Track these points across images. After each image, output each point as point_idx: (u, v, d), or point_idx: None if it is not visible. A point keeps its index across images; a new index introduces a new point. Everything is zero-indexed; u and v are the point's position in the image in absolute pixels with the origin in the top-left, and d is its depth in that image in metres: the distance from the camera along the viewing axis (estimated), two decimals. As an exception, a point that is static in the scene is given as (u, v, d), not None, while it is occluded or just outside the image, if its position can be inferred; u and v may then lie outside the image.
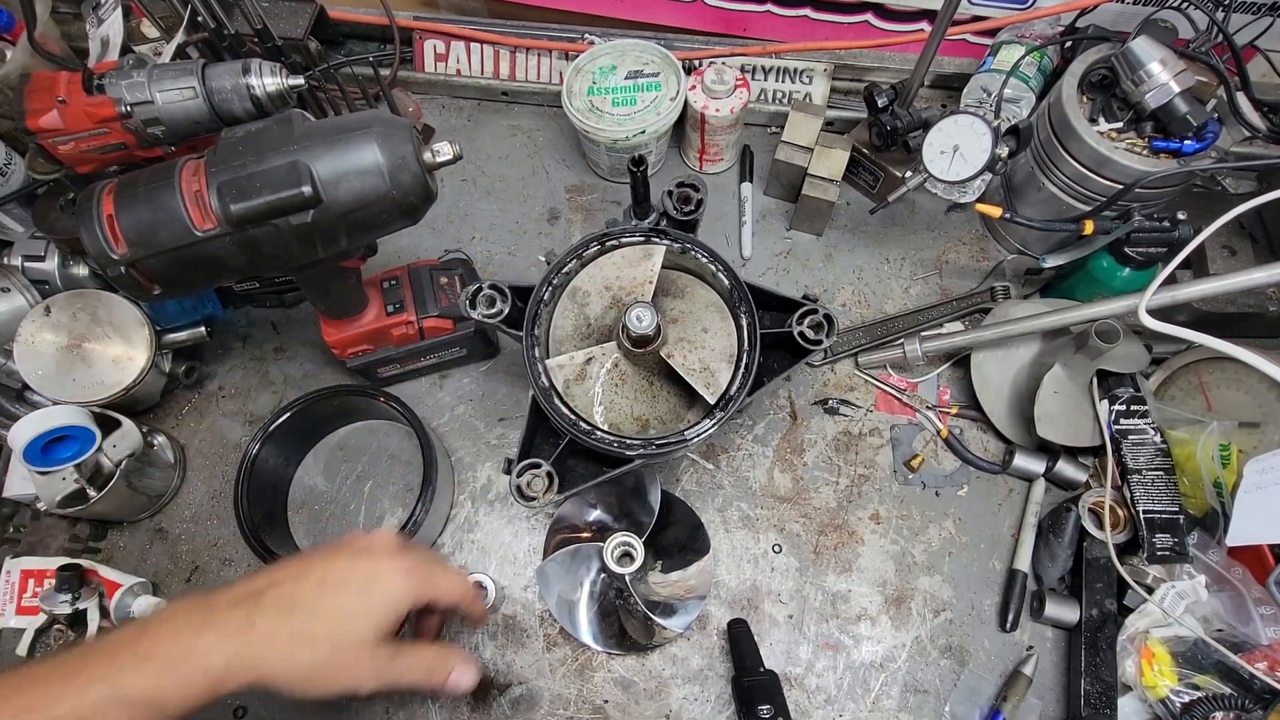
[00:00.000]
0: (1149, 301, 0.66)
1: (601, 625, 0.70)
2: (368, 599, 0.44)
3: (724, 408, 0.59)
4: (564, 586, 0.71)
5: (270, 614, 0.42)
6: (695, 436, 0.58)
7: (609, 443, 0.58)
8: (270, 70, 0.63)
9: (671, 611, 0.69)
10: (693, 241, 0.63)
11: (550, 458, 0.61)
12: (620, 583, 0.65)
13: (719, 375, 0.60)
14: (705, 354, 0.61)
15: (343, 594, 0.44)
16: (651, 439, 0.58)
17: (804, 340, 0.61)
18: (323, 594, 0.43)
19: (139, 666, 0.38)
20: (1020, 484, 0.78)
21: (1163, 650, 0.65)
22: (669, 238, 0.63)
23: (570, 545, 0.70)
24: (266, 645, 0.41)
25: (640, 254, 0.63)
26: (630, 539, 0.65)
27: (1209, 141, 0.70)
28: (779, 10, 0.97)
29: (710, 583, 0.71)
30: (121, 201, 0.53)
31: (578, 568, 0.71)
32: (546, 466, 0.60)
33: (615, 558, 0.64)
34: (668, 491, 0.73)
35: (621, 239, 0.63)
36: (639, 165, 0.62)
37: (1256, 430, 0.73)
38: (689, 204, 0.64)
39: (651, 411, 0.63)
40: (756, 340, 0.60)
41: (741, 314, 0.61)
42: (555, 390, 0.59)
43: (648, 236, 0.63)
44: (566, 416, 0.58)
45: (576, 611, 0.70)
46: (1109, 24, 0.85)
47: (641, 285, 0.62)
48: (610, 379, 0.62)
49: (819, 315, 0.61)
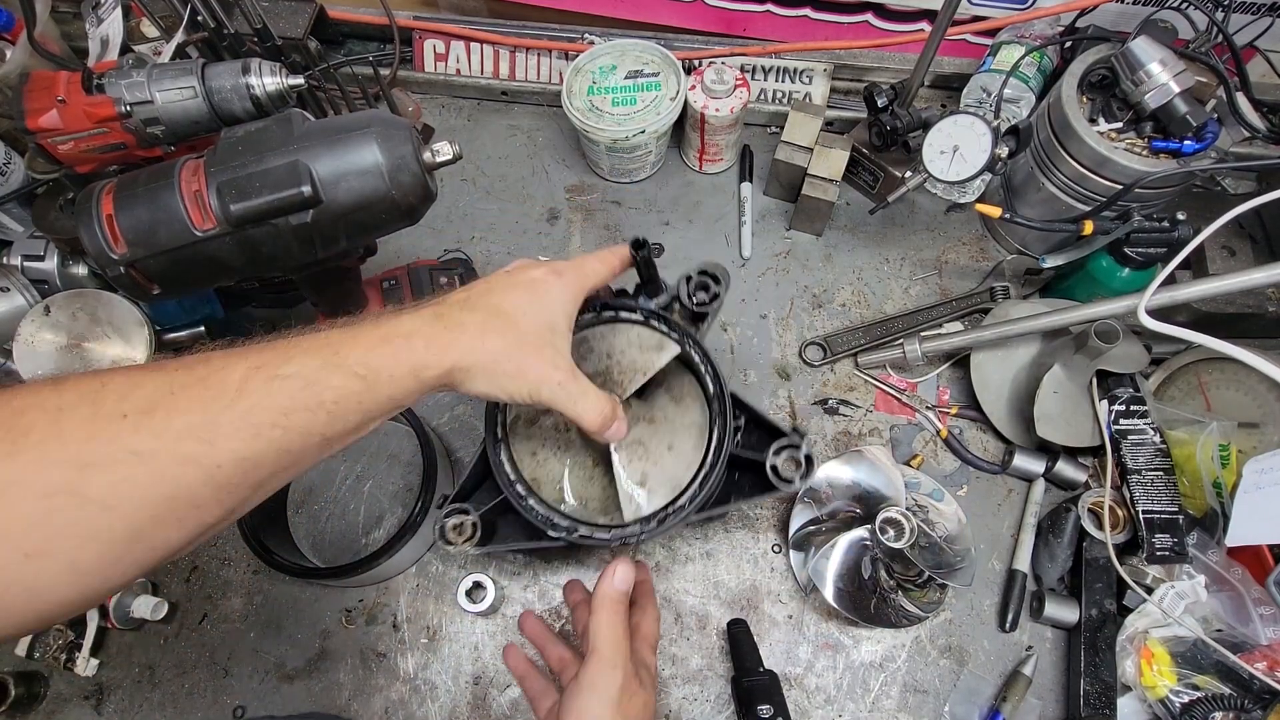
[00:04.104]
0: (1148, 302, 0.66)
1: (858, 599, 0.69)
2: (537, 297, 0.47)
3: (644, 524, 0.54)
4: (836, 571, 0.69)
5: (456, 311, 0.45)
6: (616, 539, 0.54)
7: (536, 515, 0.55)
8: (270, 70, 0.63)
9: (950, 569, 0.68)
10: (693, 341, 0.58)
11: (483, 508, 0.57)
12: (889, 556, 0.67)
13: (652, 497, 0.55)
14: (653, 470, 0.56)
15: (515, 294, 0.47)
16: (576, 523, 0.54)
17: (775, 475, 0.56)
18: (495, 297, 0.46)
19: (354, 340, 0.41)
20: (1020, 484, 0.78)
21: (1162, 650, 0.65)
22: (668, 327, 0.58)
23: (824, 537, 0.70)
24: (458, 332, 0.43)
25: (654, 342, 0.58)
26: (896, 512, 0.66)
27: (1208, 142, 0.70)
28: (779, 10, 0.97)
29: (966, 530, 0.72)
30: (121, 201, 0.53)
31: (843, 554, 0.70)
32: (474, 516, 0.57)
33: (889, 535, 0.66)
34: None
35: (620, 313, 0.59)
36: (640, 248, 0.54)
37: (1256, 430, 0.73)
38: (706, 293, 0.60)
39: (583, 489, 0.59)
40: (722, 460, 0.55)
41: (714, 427, 0.56)
42: (504, 441, 0.56)
43: (646, 318, 0.59)
44: (506, 474, 0.55)
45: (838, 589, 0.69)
46: (1109, 24, 0.85)
47: (634, 375, 0.57)
48: (557, 439, 0.59)
49: (799, 453, 0.56)
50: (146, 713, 0.70)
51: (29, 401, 0.34)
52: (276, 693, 0.71)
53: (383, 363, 0.41)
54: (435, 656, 0.72)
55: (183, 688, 0.71)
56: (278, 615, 0.74)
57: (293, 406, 0.38)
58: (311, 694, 0.70)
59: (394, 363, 0.41)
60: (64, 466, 0.32)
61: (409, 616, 0.73)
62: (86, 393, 0.34)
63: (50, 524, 0.32)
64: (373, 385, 0.40)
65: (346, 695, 0.70)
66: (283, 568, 0.68)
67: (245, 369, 0.37)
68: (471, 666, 0.71)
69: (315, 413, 0.38)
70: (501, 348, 0.44)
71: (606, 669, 0.47)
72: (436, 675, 0.71)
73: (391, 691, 0.70)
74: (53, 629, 0.70)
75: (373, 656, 0.72)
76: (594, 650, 0.48)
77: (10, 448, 0.32)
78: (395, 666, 0.71)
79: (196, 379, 0.36)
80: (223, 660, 0.72)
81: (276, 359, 0.38)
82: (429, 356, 0.42)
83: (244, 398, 0.36)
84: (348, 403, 0.40)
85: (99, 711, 0.70)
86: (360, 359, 0.40)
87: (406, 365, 0.41)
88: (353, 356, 0.40)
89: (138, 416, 0.34)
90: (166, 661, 0.72)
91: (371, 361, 0.40)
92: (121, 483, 0.33)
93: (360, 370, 0.40)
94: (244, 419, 0.36)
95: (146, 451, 0.34)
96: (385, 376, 0.41)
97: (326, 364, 0.39)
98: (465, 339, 0.43)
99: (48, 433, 0.33)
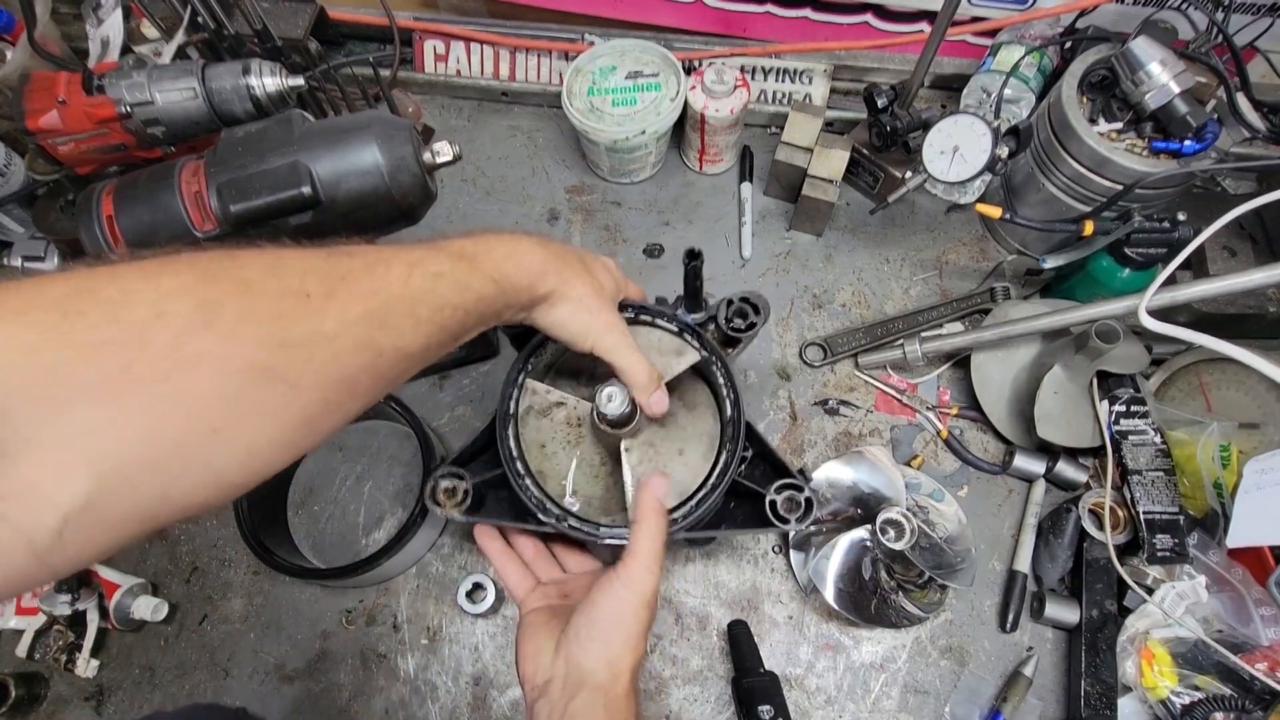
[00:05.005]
0: (1149, 302, 0.65)
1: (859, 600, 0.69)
2: (607, 272, 0.54)
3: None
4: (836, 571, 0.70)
5: (558, 247, 0.50)
6: (610, 538, 0.54)
7: (530, 496, 0.55)
8: (270, 71, 0.63)
9: (951, 570, 0.69)
10: (720, 359, 0.58)
11: (478, 476, 0.57)
12: (890, 556, 0.67)
13: (701, 404, 0.57)
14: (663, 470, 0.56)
15: (593, 263, 0.53)
16: (566, 512, 0.55)
17: (773, 512, 0.56)
18: (581, 254, 0.52)
19: (488, 252, 0.45)
20: (1020, 485, 0.78)
21: (1163, 651, 0.65)
22: (700, 343, 0.58)
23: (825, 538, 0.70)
24: (562, 261, 0.49)
25: (674, 348, 0.58)
26: (896, 513, 0.67)
27: (1209, 142, 0.70)
28: (779, 11, 0.97)
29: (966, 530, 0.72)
30: (121, 202, 0.53)
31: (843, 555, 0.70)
32: (467, 483, 0.56)
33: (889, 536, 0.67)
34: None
35: (656, 320, 0.59)
36: (694, 259, 0.57)
37: (1256, 431, 0.73)
38: (743, 320, 0.60)
39: (588, 487, 0.58)
40: (724, 483, 0.55)
41: (723, 451, 0.56)
42: (514, 416, 0.57)
43: (680, 330, 0.59)
44: (510, 449, 0.55)
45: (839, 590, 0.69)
46: (1109, 25, 0.85)
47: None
48: (567, 434, 0.59)
49: (800, 495, 0.56)
50: (147, 713, 0.70)
51: (217, 269, 0.33)
52: (277, 693, 0.71)
53: (512, 272, 0.45)
54: (435, 657, 0.72)
55: (183, 689, 0.71)
56: (278, 616, 0.74)
57: (446, 304, 0.41)
58: (311, 695, 0.70)
59: (520, 273, 0.46)
60: (257, 343, 0.32)
61: (409, 617, 0.73)
62: (268, 266, 0.34)
63: (241, 400, 0.31)
64: (504, 291, 0.45)
65: (347, 696, 0.70)
66: (283, 568, 0.68)
67: (405, 264, 0.39)
68: (472, 667, 0.71)
69: (460, 311, 0.42)
70: (590, 289, 0.50)
71: (645, 572, 0.50)
72: (437, 676, 0.71)
73: (392, 692, 0.70)
74: (54, 630, 0.70)
75: (373, 657, 0.72)
76: (635, 553, 0.50)
77: (205, 317, 0.30)
78: (395, 667, 0.71)
79: (363, 267, 0.38)
80: (223, 661, 0.72)
81: (428, 259, 0.41)
82: (540, 273, 0.47)
83: (409, 290, 0.39)
84: (484, 305, 0.44)
85: (99, 712, 0.70)
86: (496, 267, 0.45)
87: (527, 279, 0.46)
88: (489, 265, 0.44)
89: (321, 299, 0.34)
90: (167, 662, 0.72)
91: (504, 269, 0.45)
92: (307, 362, 0.33)
93: (496, 276, 0.44)
94: (410, 310, 0.39)
95: (330, 333, 0.34)
96: (511, 285, 0.45)
97: (472, 269, 0.43)
98: (567, 270, 0.49)
99: (240, 306, 0.32)
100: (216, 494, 0.32)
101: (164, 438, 0.29)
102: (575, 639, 0.50)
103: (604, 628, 0.49)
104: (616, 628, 0.49)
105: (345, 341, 0.35)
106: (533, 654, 0.51)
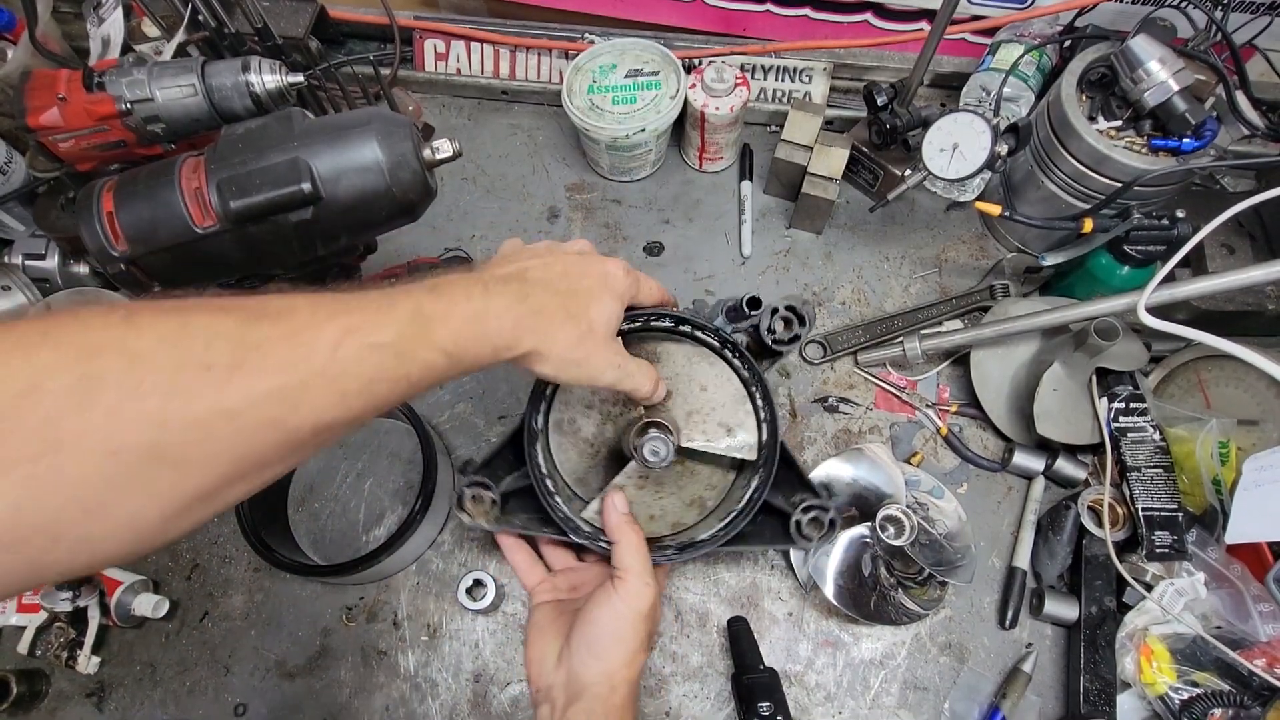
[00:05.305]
0: (1148, 299, 0.66)
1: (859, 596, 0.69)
2: (606, 292, 0.48)
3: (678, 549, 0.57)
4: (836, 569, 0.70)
5: (539, 290, 0.45)
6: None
7: (560, 514, 0.56)
8: (270, 68, 0.63)
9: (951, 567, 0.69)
10: (760, 381, 0.56)
11: (501, 484, 0.57)
12: (889, 553, 0.68)
13: (741, 430, 0.56)
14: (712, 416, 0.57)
15: (588, 286, 0.48)
16: (598, 530, 0.55)
17: (798, 531, 0.58)
18: (572, 280, 0.47)
19: (446, 315, 0.41)
20: (1019, 482, 0.78)
21: (1162, 647, 0.65)
22: (742, 360, 0.56)
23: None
24: (540, 317, 0.44)
25: (709, 366, 0.57)
26: (896, 510, 0.67)
27: (1207, 140, 0.70)
28: (779, 10, 0.97)
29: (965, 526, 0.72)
30: (121, 199, 0.53)
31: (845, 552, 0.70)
32: (495, 493, 0.56)
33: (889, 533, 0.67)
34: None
35: (696, 333, 0.57)
36: (754, 308, 0.55)
37: (1255, 428, 0.73)
38: (791, 329, 0.57)
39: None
40: (757, 504, 0.56)
41: (759, 472, 0.57)
42: (543, 432, 0.57)
43: (722, 345, 0.57)
44: (540, 466, 0.56)
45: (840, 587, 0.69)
46: (1108, 23, 0.85)
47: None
48: (592, 445, 0.60)
49: (826, 516, 0.57)
50: (148, 710, 0.70)
51: (103, 340, 0.30)
52: (277, 690, 0.71)
53: (471, 342, 0.41)
54: (436, 654, 0.72)
55: (184, 685, 0.71)
56: (278, 613, 0.74)
57: (382, 377, 0.37)
58: (312, 691, 0.71)
59: (480, 342, 0.42)
60: (139, 424, 0.29)
61: (409, 614, 0.73)
62: (167, 336, 0.31)
63: (120, 481, 0.29)
64: (458, 361, 0.41)
65: (347, 693, 0.70)
66: (283, 565, 0.68)
67: (338, 330, 0.36)
68: (472, 664, 0.71)
69: (401, 383, 0.39)
70: (575, 337, 0.46)
71: (642, 585, 0.50)
72: (437, 673, 0.71)
73: (392, 689, 0.70)
74: (55, 627, 0.70)
75: (373, 654, 0.72)
76: (628, 569, 0.51)
77: (82, 399, 0.28)
78: (396, 664, 0.71)
79: (284, 334, 0.34)
80: (224, 658, 0.72)
81: (368, 323, 0.37)
82: (513, 338, 0.43)
83: (335, 364, 0.35)
84: (430, 376, 0.40)
85: (101, 709, 0.71)
86: (453, 335, 0.40)
87: (490, 346, 0.42)
88: (444, 331, 0.40)
89: (224, 371, 0.31)
90: (168, 659, 0.72)
91: (461, 340, 0.41)
92: (201, 442, 0.31)
93: (449, 347, 0.40)
94: (333, 386, 0.35)
95: (232, 410, 0.31)
96: (471, 355, 0.42)
97: (419, 336, 0.39)
98: (545, 325, 0.44)
99: (124, 384, 0.29)
100: (103, 561, 0.31)
101: (33, 518, 0.28)
102: (576, 654, 0.51)
103: (604, 644, 0.50)
104: (616, 644, 0.50)
105: (250, 419, 0.32)
106: (538, 659, 0.53)
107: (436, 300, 0.41)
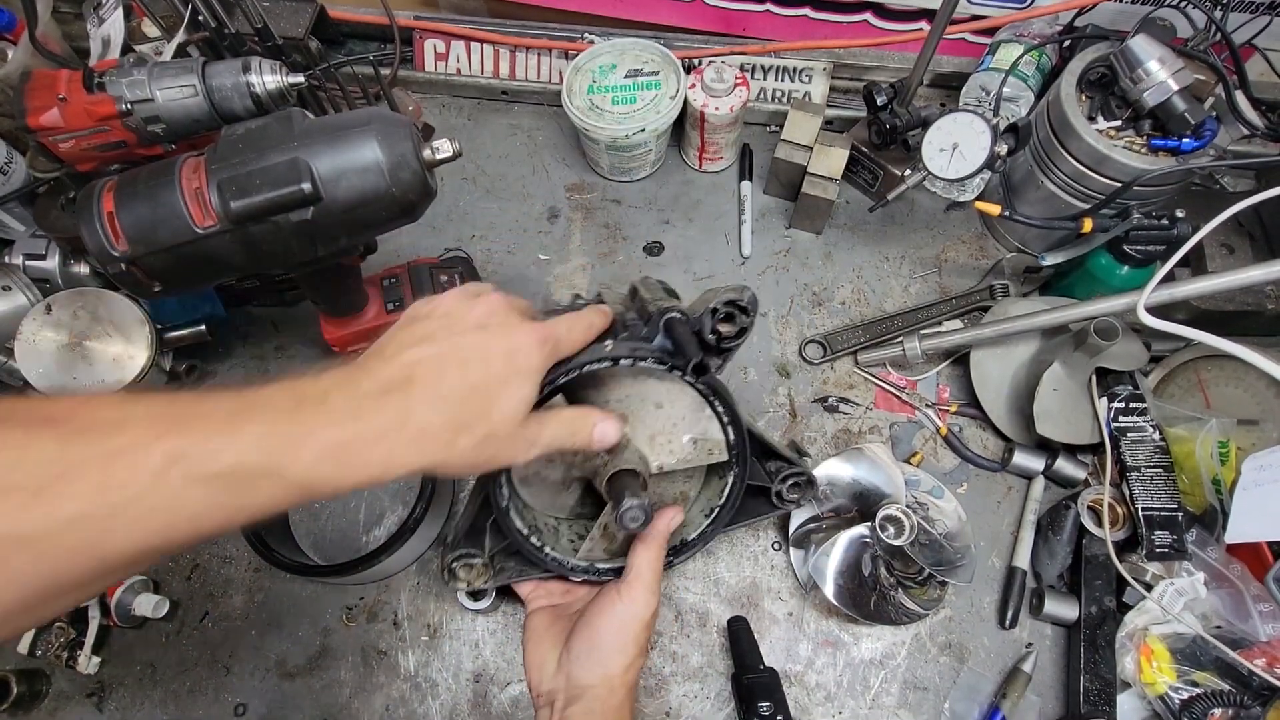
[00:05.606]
0: (1148, 299, 0.66)
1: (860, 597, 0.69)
2: (512, 378, 0.42)
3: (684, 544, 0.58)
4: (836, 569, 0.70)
5: (423, 408, 0.39)
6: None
7: (552, 561, 0.56)
8: (270, 68, 0.63)
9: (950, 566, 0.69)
10: (720, 395, 0.52)
11: (487, 547, 0.57)
12: (889, 553, 0.68)
13: (706, 438, 0.55)
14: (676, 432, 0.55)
15: (489, 376, 0.41)
16: (593, 563, 0.57)
17: (779, 500, 0.61)
18: (469, 378, 0.40)
19: (308, 438, 0.35)
20: (1019, 481, 0.78)
21: (1161, 647, 0.65)
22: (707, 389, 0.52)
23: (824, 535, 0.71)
24: (425, 440, 0.39)
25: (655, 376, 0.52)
26: (896, 509, 0.67)
27: (1207, 139, 0.70)
28: (778, 10, 0.97)
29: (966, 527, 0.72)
30: (122, 199, 0.53)
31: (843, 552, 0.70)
32: (483, 558, 0.56)
33: (889, 533, 0.68)
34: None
35: (638, 364, 0.49)
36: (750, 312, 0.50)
37: (1255, 427, 0.73)
38: (732, 326, 0.51)
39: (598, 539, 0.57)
40: (736, 499, 0.57)
41: (732, 472, 0.57)
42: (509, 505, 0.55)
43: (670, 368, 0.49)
44: (519, 530, 0.55)
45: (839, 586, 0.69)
46: (1107, 23, 0.85)
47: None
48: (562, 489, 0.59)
49: (804, 477, 0.60)
50: (148, 710, 0.70)
51: None
52: (278, 690, 0.71)
53: (331, 474, 0.36)
54: (436, 654, 0.72)
55: (184, 685, 0.71)
56: (279, 613, 0.74)
57: (207, 514, 0.33)
58: (312, 691, 0.71)
59: (342, 474, 0.36)
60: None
61: (409, 614, 0.73)
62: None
63: None
64: (314, 493, 0.36)
65: (348, 693, 0.70)
66: (284, 565, 0.68)
67: (163, 458, 0.32)
68: (472, 664, 0.71)
69: (235, 515, 0.34)
70: (472, 445, 0.40)
71: (648, 593, 0.51)
72: (437, 673, 0.71)
73: (392, 689, 0.71)
74: (55, 627, 0.70)
75: (373, 654, 0.72)
76: (638, 574, 0.52)
77: None
78: (396, 664, 0.71)
79: (100, 456, 0.31)
80: (224, 658, 0.72)
81: (201, 448, 0.33)
82: (384, 469, 0.37)
83: (155, 493, 0.32)
84: (272, 507, 0.35)
85: (101, 709, 0.71)
86: (304, 470, 0.35)
87: (354, 479, 0.37)
88: (295, 466, 0.35)
89: (27, 496, 0.30)
90: (168, 659, 0.72)
91: (318, 474, 0.35)
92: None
93: (300, 480, 0.35)
94: (146, 521, 0.32)
95: (30, 537, 0.30)
96: (331, 486, 0.36)
97: (263, 466, 0.34)
98: (431, 446, 0.39)
99: None
100: None
101: None
102: (576, 659, 0.51)
103: (605, 650, 0.50)
104: (616, 649, 0.50)
105: (51, 545, 0.30)
106: (537, 664, 0.53)
107: (293, 423, 0.36)
